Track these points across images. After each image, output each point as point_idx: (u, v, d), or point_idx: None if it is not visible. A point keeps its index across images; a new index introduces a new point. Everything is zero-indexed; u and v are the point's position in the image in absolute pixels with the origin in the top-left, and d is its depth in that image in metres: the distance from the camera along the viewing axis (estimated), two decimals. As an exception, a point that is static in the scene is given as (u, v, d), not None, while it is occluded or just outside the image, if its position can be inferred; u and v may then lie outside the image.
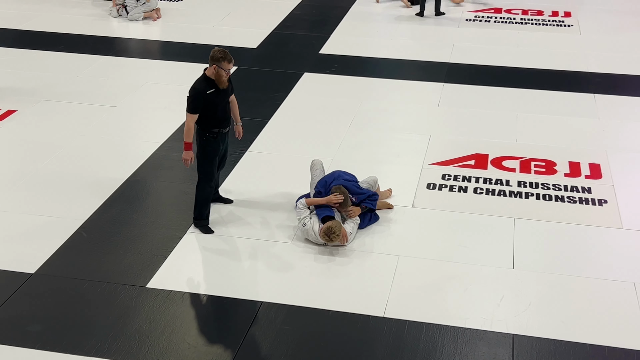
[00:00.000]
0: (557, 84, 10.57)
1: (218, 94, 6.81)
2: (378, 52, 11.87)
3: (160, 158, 8.44)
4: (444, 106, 9.84)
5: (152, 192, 7.85)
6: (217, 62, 6.67)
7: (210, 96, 6.76)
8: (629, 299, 6.17)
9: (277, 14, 13.59)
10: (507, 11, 13.96)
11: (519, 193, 7.74)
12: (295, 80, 10.61)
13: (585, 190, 7.77)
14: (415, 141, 8.80)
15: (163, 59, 11.51)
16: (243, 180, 7.97)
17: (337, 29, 12.91)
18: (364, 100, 9.97)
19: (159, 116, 9.49)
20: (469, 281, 6.38)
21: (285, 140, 8.87)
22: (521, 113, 9.57)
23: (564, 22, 13.36)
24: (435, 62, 11.37)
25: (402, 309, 6.05)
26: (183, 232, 7.04)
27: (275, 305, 6.07)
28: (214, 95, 6.78)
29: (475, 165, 8.28)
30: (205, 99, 6.74)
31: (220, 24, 13.01)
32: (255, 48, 11.98)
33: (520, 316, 5.97)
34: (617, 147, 8.69)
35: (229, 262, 6.66)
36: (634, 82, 10.65)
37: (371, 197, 7.16)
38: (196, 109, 6.75)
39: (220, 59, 6.66)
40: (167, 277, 6.42)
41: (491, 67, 11.24)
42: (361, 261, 6.66)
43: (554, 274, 6.48)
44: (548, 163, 8.32)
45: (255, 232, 7.08)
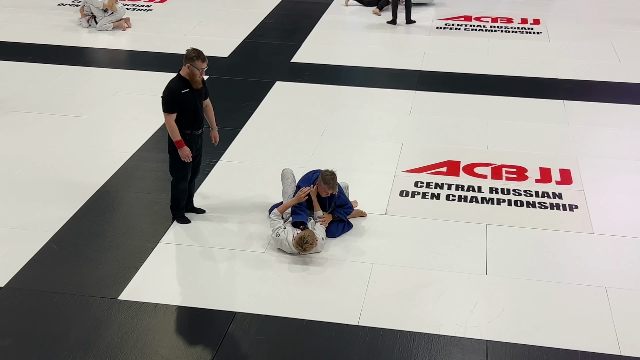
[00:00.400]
0: (527, 90, 10.67)
1: (192, 93, 6.84)
2: (350, 60, 11.90)
3: (132, 168, 8.37)
4: (415, 114, 9.88)
5: (123, 202, 7.78)
6: (190, 61, 6.71)
7: (185, 96, 6.78)
8: (600, 303, 6.22)
9: (248, 23, 13.58)
10: (477, 19, 14.08)
11: (491, 199, 7.79)
12: (267, 89, 10.59)
13: (556, 196, 7.84)
14: (388, 149, 8.82)
15: (133, 69, 11.43)
16: (215, 190, 7.93)
17: (308, 37, 12.93)
18: (336, 108, 9.98)
19: (130, 126, 9.42)
20: (442, 288, 6.39)
21: (257, 149, 8.84)
22: (492, 120, 9.64)
23: (533, 29, 13.50)
24: (407, 70, 11.42)
25: (376, 316, 6.04)
26: (155, 243, 6.98)
27: (249, 316, 6.04)
28: (188, 94, 6.80)
29: (447, 172, 8.32)
30: (180, 98, 6.75)
31: (192, 33, 12.96)
32: (226, 57, 11.95)
33: (493, 322, 5.99)
34: (587, 152, 8.79)
35: (202, 273, 6.61)
36: (603, 88, 10.79)
37: (346, 208, 7.16)
38: (173, 108, 6.79)
39: (193, 58, 6.70)
40: (139, 289, 6.36)
41: (462, 74, 11.31)
42: (335, 269, 6.65)
43: (526, 279, 6.52)
44: (519, 169, 8.38)
45: (229, 241, 7.04)
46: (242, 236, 7.12)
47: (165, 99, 6.81)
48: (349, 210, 7.21)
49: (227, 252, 6.87)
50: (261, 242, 7.01)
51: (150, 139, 8.99)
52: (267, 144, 8.96)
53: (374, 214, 7.49)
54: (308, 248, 6.61)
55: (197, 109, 6.94)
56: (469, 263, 6.73)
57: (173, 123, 6.82)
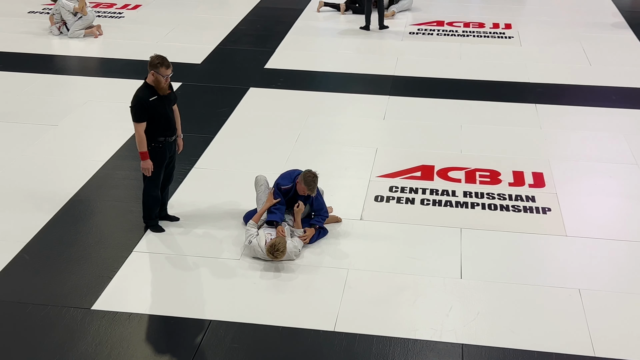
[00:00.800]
0: (500, 94, 10.74)
1: (161, 101, 6.79)
2: (323, 66, 11.91)
3: (104, 177, 8.30)
4: (389, 119, 9.91)
5: (96, 211, 7.71)
6: (154, 68, 6.66)
7: (153, 103, 6.71)
8: (574, 305, 6.26)
9: (221, 29, 13.54)
10: (449, 24, 14.16)
11: (465, 203, 7.82)
12: (241, 96, 10.56)
13: (529, 199, 7.89)
14: (362, 154, 8.83)
15: (106, 76, 11.34)
16: (189, 197, 7.88)
17: (282, 43, 12.92)
18: (310, 114, 9.98)
19: (102, 134, 9.34)
20: (418, 292, 6.40)
21: (231, 156, 8.81)
22: (465, 124, 9.69)
23: (505, 34, 13.60)
24: (380, 75, 11.45)
25: (352, 322, 6.04)
26: (129, 252, 6.92)
27: (224, 324, 6.00)
28: (156, 102, 6.74)
29: (421, 176, 8.35)
30: (148, 107, 6.68)
31: (164, 40, 12.89)
32: (199, 63, 11.90)
33: (469, 326, 6.01)
34: (559, 155, 8.86)
35: (177, 281, 6.56)
36: (574, 92, 10.89)
37: (322, 212, 7.16)
38: (142, 117, 6.72)
39: (157, 65, 6.64)
40: (112, 298, 6.30)
41: (435, 79, 11.36)
42: (311, 275, 6.64)
43: (501, 282, 6.55)
44: (492, 173, 8.43)
45: (203, 249, 7.00)
46: (216, 243, 7.08)
47: (134, 108, 6.74)
48: (325, 215, 7.20)
49: (201, 260, 6.83)
50: (236, 249, 6.98)
51: (123, 147, 8.92)
52: (241, 151, 8.93)
53: (349, 219, 7.49)
54: (279, 255, 6.59)
55: (168, 116, 6.89)
56: (444, 267, 6.75)
57: (142, 133, 6.75)
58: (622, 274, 6.70)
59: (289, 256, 6.74)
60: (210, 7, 15.14)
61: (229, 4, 15.55)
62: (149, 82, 6.75)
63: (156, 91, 6.74)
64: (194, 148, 8.81)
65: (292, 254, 6.76)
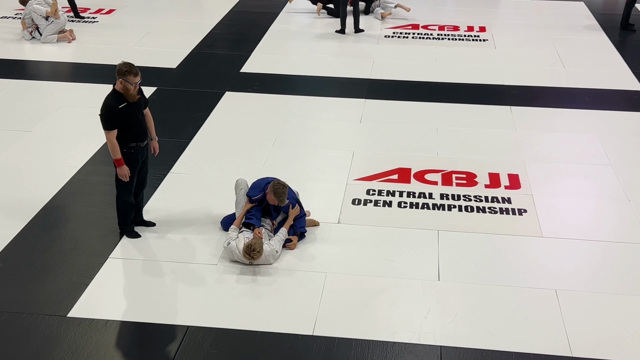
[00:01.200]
0: (475, 97, 10.80)
1: (130, 107, 6.72)
2: (299, 69, 11.91)
3: (79, 182, 8.23)
4: (366, 122, 9.92)
5: (71, 217, 7.63)
6: (122, 76, 6.60)
7: (123, 110, 6.66)
8: (551, 305, 6.30)
9: (196, 34, 13.50)
10: (425, 27, 14.23)
11: (442, 205, 7.85)
12: (217, 100, 10.53)
13: (505, 201, 7.93)
14: (339, 157, 8.83)
15: (80, 81, 11.24)
16: (165, 202, 7.83)
17: (257, 47, 12.90)
18: (286, 118, 9.97)
19: (77, 140, 9.26)
20: (396, 295, 6.41)
21: (208, 161, 8.77)
22: (441, 127, 9.72)
23: (479, 37, 13.69)
24: (356, 79, 11.47)
25: (331, 326, 6.03)
26: (105, 258, 6.86)
27: (202, 329, 5.96)
28: (126, 109, 6.68)
29: (398, 179, 8.36)
30: (118, 114, 6.63)
31: (139, 45, 12.82)
32: (175, 68, 11.85)
33: (447, 327, 6.03)
34: (534, 157, 8.92)
35: (153, 287, 6.51)
36: (548, 94, 10.98)
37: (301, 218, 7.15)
38: (112, 125, 6.66)
39: (125, 73, 6.58)
40: (89, 305, 6.23)
41: (411, 82, 11.40)
42: (289, 280, 6.62)
43: (478, 284, 6.58)
44: (469, 175, 8.47)
45: (180, 254, 6.96)
46: (193, 249, 7.04)
47: (104, 116, 6.67)
48: (304, 219, 7.19)
49: (178, 266, 6.78)
50: (213, 254, 6.95)
51: (97, 153, 8.85)
52: (218, 155, 8.89)
53: (326, 222, 7.48)
54: (255, 256, 6.56)
55: (139, 121, 6.83)
56: (422, 269, 6.76)
57: (114, 140, 6.69)
58: (598, 274, 6.76)
59: (267, 259, 6.72)
60: (184, 11, 15.10)
61: (203, 8, 15.51)
62: (117, 89, 6.68)
63: (125, 98, 6.68)
64: (170, 153, 8.76)
65: (270, 257, 6.74)
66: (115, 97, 6.68)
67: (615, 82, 11.43)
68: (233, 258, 6.78)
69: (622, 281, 6.65)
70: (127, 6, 15.24)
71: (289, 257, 6.93)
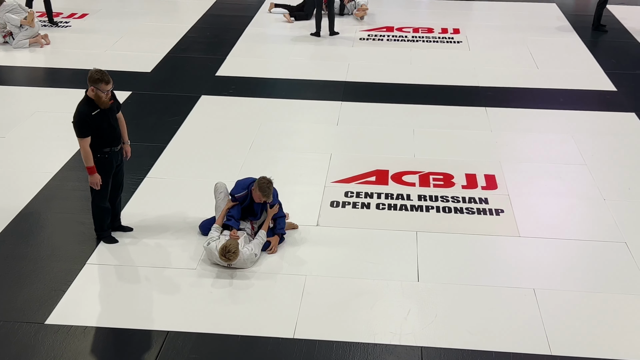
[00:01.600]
0: (450, 98, 10.86)
1: (103, 113, 6.67)
2: (275, 72, 11.90)
3: (54, 188, 8.15)
4: (342, 124, 9.93)
5: (47, 224, 7.55)
6: (94, 83, 6.55)
7: (96, 117, 6.60)
8: (530, 304, 6.35)
9: (170, 37, 13.43)
10: (399, 29, 14.29)
11: (420, 207, 7.88)
12: (193, 104, 10.48)
13: (482, 201, 7.98)
14: (317, 160, 8.83)
15: (53, 86, 11.14)
16: (142, 207, 7.77)
17: (232, 50, 12.87)
18: (263, 121, 9.95)
19: (51, 145, 9.16)
20: (376, 297, 6.42)
21: (184, 165, 8.72)
22: (417, 128, 9.76)
23: (454, 38, 13.78)
24: (332, 81, 11.48)
25: (311, 328, 6.02)
26: (82, 264, 6.80)
27: (182, 334, 5.93)
28: (99, 116, 6.62)
29: (376, 181, 8.38)
30: (91, 121, 6.58)
31: (112, 49, 12.73)
32: (149, 72, 11.78)
33: (427, 328, 6.05)
34: (510, 157, 8.99)
35: (132, 292, 6.46)
36: (522, 94, 11.07)
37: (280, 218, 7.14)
38: (86, 132, 6.60)
39: (97, 81, 6.53)
40: (67, 312, 6.17)
41: (387, 84, 11.44)
42: (269, 283, 6.60)
43: (457, 284, 6.61)
44: (446, 176, 8.51)
45: (158, 259, 6.91)
46: (171, 253, 7.00)
47: (77, 124, 6.60)
48: (283, 220, 7.17)
49: (156, 271, 6.74)
50: (192, 258, 6.91)
51: (72, 158, 8.77)
52: (195, 159, 8.85)
53: (305, 225, 7.47)
54: (231, 257, 6.53)
55: (112, 127, 6.78)
56: (401, 270, 6.78)
57: (88, 148, 6.64)
58: (575, 272, 6.82)
59: (245, 263, 6.70)
60: (158, 15, 15.02)
61: (177, 12, 15.44)
62: (89, 96, 6.62)
63: (97, 105, 6.62)
64: (146, 157, 8.72)
65: (248, 262, 6.72)
66: (88, 104, 6.62)
67: (588, 83, 11.55)
68: (213, 260, 6.75)
69: (598, 279, 6.72)
70: (100, 10, 15.13)
71: (268, 260, 6.91)
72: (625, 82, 11.59)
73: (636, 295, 6.51)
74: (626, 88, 11.35)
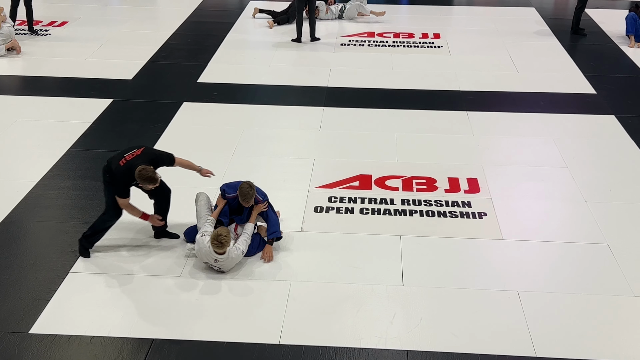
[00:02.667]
0: (432, 103, 10.91)
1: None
2: (257, 78, 11.90)
3: (37, 197, 8.09)
4: (325, 130, 9.95)
5: (29, 233, 7.50)
6: (142, 181, 6.71)
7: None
8: (514, 307, 6.39)
9: (151, 45, 13.40)
10: (380, 35, 14.34)
11: (404, 211, 7.90)
12: (175, 111, 10.46)
13: (465, 205, 8.02)
14: (300, 166, 8.84)
15: (34, 95, 11.06)
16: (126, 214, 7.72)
17: (214, 57, 12.86)
18: (245, 127, 9.94)
19: (33, 154, 9.10)
20: (361, 301, 6.43)
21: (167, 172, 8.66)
22: (400, 133, 9.80)
23: (434, 43, 13.85)
24: (314, 87, 11.50)
25: (297, 334, 6.02)
26: (65, 273, 6.76)
27: (168, 342, 5.91)
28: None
29: (359, 186, 8.40)
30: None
31: (93, 57, 12.68)
32: (130, 79, 11.74)
33: (412, 332, 6.07)
34: (492, 161, 9.04)
35: (116, 301, 6.43)
36: (503, 98, 11.15)
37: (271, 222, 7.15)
38: (127, 194, 6.84)
39: (146, 180, 6.70)
40: (51, 321, 6.13)
41: (368, 89, 11.48)
42: (254, 289, 6.60)
43: (442, 287, 6.63)
44: (429, 180, 8.54)
45: (142, 266, 6.88)
46: (156, 260, 6.98)
47: (119, 187, 6.75)
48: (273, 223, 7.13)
49: (140, 278, 6.71)
50: (176, 265, 6.89)
51: (54, 166, 8.73)
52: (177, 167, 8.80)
53: (289, 231, 7.48)
54: (224, 240, 6.49)
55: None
56: (386, 275, 6.80)
57: (129, 203, 6.84)
58: (557, 274, 6.87)
59: (232, 262, 6.69)
60: (139, 22, 14.98)
61: (158, 19, 15.41)
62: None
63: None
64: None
65: (235, 261, 6.72)
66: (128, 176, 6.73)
67: (568, 86, 11.66)
68: (201, 256, 6.71)
69: (581, 280, 6.78)
70: (80, 18, 15.07)
71: (253, 266, 6.91)
72: (604, 84, 11.71)
73: (619, 295, 6.57)
74: (605, 91, 11.46)
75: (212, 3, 16.71)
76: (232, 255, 6.69)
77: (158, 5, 16.69)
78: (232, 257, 6.69)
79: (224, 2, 16.94)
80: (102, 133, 9.70)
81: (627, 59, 13.11)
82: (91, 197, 8.00)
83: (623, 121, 10.26)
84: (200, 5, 16.37)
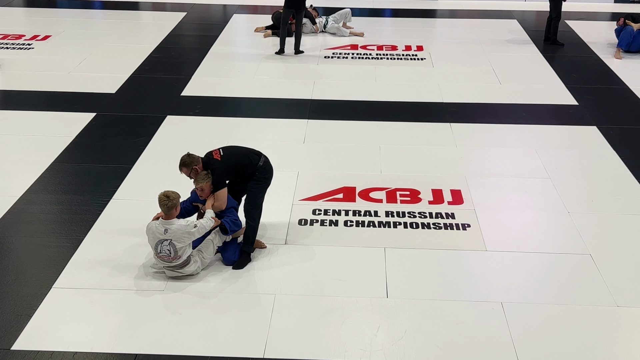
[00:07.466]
0: (415, 115, 10.95)
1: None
2: (241, 91, 11.91)
3: (19, 212, 8.04)
4: (309, 142, 9.96)
5: (11, 248, 7.44)
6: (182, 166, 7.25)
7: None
8: (498, 318, 6.40)
9: (134, 58, 13.38)
10: (363, 47, 14.41)
11: (388, 223, 7.92)
12: (158, 124, 10.44)
13: (449, 216, 8.05)
14: (284, 178, 8.83)
15: (17, 109, 11.00)
16: (109, 229, 7.70)
17: (197, 70, 12.86)
18: (229, 140, 9.89)
19: (15, 169, 9.05)
20: (345, 314, 6.43)
21: (150, 186, 8.66)
22: (383, 145, 9.83)
23: (417, 55, 13.92)
24: (298, 100, 11.52)
25: (281, 348, 6.00)
26: (48, 288, 6.71)
27: (151, 357, 5.88)
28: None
29: (343, 198, 8.41)
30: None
31: (76, 70, 12.65)
32: (114, 93, 11.71)
33: (397, 344, 6.07)
34: (475, 172, 9.08)
35: (100, 316, 6.39)
36: (486, 110, 11.22)
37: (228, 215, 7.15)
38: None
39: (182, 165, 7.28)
40: (33, 337, 6.08)
41: (352, 101, 11.51)
42: (238, 302, 6.58)
43: (426, 299, 6.64)
44: (412, 192, 8.57)
45: (125, 281, 6.84)
46: (139, 276, 6.94)
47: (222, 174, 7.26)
48: (232, 217, 7.13)
49: (123, 293, 6.67)
50: (159, 280, 6.86)
51: (37, 181, 8.68)
52: (161, 180, 8.79)
53: (273, 244, 7.47)
54: (170, 194, 6.73)
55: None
56: (370, 287, 6.80)
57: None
58: (541, 285, 6.90)
59: (182, 235, 6.67)
60: (122, 35, 14.97)
61: (141, 32, 15.41)
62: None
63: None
64: (111, 179, 8.66)
65: (184, 235, 6.69)
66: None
67: (550, 97, 11.75)
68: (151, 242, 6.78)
69: (565, 291, 6.80)
70: (63, 32, 15.04)
71: (237, 279, 6.89)
72: (586, 95, 11.80)
73: (602, 306, 6.61)
74: (587, 102, 11.56)
75: (196, 16, 16.74)
76: (182, 222, 6.67)
77: (141, 19, 16.70)
78: (181, 224, 6.65)
79: (208, 15, 16.97)
80: (85, 147, 9.67)
81: (608, 70, 13.24)
82: (74, 212, 7.97)
83: (605, 132, 10.34)
84: (184, 19, 16.39)
